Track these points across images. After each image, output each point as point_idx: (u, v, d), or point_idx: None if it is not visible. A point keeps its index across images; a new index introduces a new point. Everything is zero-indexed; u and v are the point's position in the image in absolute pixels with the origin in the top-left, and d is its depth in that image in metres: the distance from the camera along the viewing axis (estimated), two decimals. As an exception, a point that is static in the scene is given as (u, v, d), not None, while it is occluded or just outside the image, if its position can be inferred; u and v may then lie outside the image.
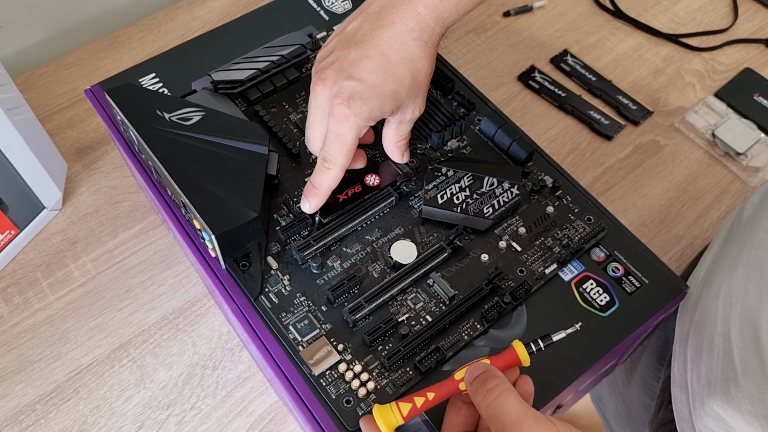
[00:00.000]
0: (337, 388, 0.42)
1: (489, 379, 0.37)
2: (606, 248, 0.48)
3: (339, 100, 0.43)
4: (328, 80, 0.44)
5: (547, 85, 0.73)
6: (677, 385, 0.50)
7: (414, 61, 0.45)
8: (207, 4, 0.79)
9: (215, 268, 0.47)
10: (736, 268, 0.47)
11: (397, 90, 0.44)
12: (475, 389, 0.37)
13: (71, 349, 0.56)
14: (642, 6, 0.81)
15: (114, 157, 0.67)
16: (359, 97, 0.43)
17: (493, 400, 0.36)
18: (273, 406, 0.54)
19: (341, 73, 0.43)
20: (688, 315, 0.50)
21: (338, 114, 0.43)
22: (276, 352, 0.43)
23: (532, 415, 0.35)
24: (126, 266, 0.60)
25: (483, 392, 0.36)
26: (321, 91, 0.44)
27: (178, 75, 0.55)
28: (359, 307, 0.44)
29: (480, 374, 0.37)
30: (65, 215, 0.63)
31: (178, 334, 0.56)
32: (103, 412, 0.53)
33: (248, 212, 0.44)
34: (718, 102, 0.72)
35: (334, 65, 0.44)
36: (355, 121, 0.43)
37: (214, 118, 0.48)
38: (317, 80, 0.44)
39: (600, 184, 0.66)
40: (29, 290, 0.59)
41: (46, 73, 0.73)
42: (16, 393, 0.53)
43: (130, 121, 0.48)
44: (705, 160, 0.68)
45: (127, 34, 0.76)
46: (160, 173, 0.47)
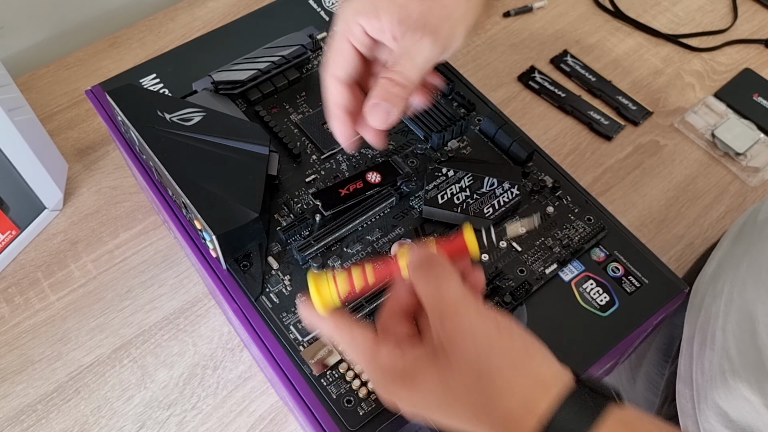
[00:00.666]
0: (337, 387, 0.42)
1: (432, 266, 0.33)
2: (606, 248, 0.48)
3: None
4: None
5: (547, 86, 0.73)
6: (682, 380, 0.50)
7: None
8: (207, 5, 0.79)
9: (216, 269, 0.47)
10: (741, 264, 0.47)
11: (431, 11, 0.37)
12: (417, 276, 0.33)
13: (72, 349, 0.56)
14: (642, 6, 0.81)
15: (115, 157, 0.67)
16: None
17: (434, 287, 0.33)
18: (274, 406, 0.54)
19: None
20: (694, 312, 0.50)
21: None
22: (277, 352, 0.43)
23: (473, 304, 0.32)
24: (127, 266, 0.60)
25: (425, 279, 0.33)
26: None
27: (178, 75, 0.55)
28: (360, 307, 0.44)
29: (423, 261, 0.34)
30: (66, 215, 0.63)
31: (179, 334, 0.57)
32: (104, 412, 0.53)
33: (249, 212, 0.44)
34: (717, 102, 0.72)
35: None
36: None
37: (215, 119, 0.48)
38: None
39: (600, 184, 0.67)
40: (30, 290, 0.59)
41: (46, 74, 0.73)
42: (17, 393, 0.54)
43: (130, 122, 0.48)
44: (705, 161, 0.68)
45: (127, 34, 0.76)
46: (161, 174, 0.47)
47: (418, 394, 0.32)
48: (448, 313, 0.32)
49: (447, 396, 0.31)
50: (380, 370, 0.33)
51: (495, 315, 0.32)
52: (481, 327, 0.31)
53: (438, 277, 0.33)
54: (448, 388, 0.31)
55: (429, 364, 0.32)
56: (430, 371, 0.32)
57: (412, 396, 0.32)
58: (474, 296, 0.33)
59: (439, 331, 0.32)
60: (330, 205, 0.47)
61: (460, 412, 0.31)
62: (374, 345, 0.34)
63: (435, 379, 0.31)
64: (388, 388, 0.33)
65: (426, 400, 0.32)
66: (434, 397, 0.32)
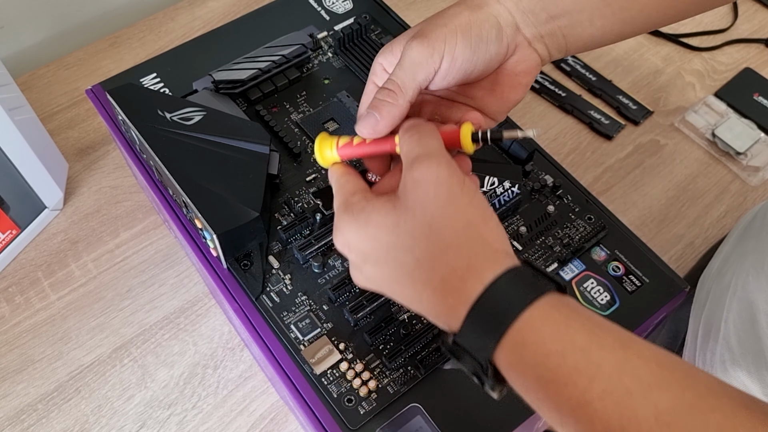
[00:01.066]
0: (338, 387, 0.42)
1: (419, 126, 0.34)
2: (606, 247, 0.48)
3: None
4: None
5: (548, 85, 0.73)
6: None
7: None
8: (207, 5, 0.79)
9: (217, 268, 0.47)
10: (746, 259, 0.47)
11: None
12: (404, 136, 0.34)
13: (72, 348, 0.56)
14: (642, 6, 0.81)
15: (115, 157, 0.67)
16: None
17: (416, 139, 0.33)
18: (274, 405, 0.54)
19: None
20: (699, 306, 0.51)
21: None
22: (277, 351, 0.43)
23: (446, 157, 0.32)
24: (127, 266, 0.60)
25: (408, 134, 0.34)
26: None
27: (179, 75, 0.55)
28: (360, 306, 0.44)
29: (413, 124, 0.35)
30: (66, 215, 0.63)
31: (180, 334, 0.57)
32: (104, 411, 0.53)
33: (250, 212, 0.44)
34: (718, 102, 0.72)
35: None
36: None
37: (215, 118, 0.48)
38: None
39: (600, 183, 0.67)
40: (30, 290, 0.59)
41: (47, 74, 0.73)
42: (18, 392, 0.54)
43: (131, 121, 0.48)
44: (705, 160, 0.68)
45: (127, 34, 0.76)
46: (162, 173, 0.47)
47: (367, 233, 0.32)
48: (420, 158, 0.32)
49: (395, 241, 0.31)
50: (344, 204, 0.34)
51: (464, 176, 0.32)
52: (446, 179, 0.31)
53: (420, 131, 0.34)
54: (397, 231, 0.31)
55: (386, 207, 0.32)
56: (385, 211, 0.32)
57: (360, 233, 0.33)
58: (451, 161, 0.32)
59: (406, 176, 0.32)
60: (331, 204, 0.47)
61: (404, 262, 0.31)
62: (353, 188, 0.35)
63: (387, 220, 0.32)
64: (341, 218, 0.34)
65: (374, 242, 0.32)
66: (382, 240, 0.32)
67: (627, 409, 0.25)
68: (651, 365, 0.26)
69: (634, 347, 0.27)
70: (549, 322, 0.28)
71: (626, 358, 0.26)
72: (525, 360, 0.28)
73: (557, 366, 0.27)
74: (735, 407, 0.25)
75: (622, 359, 0.26)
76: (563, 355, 0.27)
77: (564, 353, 0.27)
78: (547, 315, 0.28)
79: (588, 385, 0.26)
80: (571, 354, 0.27)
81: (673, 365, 0.26)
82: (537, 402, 0.28)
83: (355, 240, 0.33)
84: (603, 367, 0.26)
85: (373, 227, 0.32)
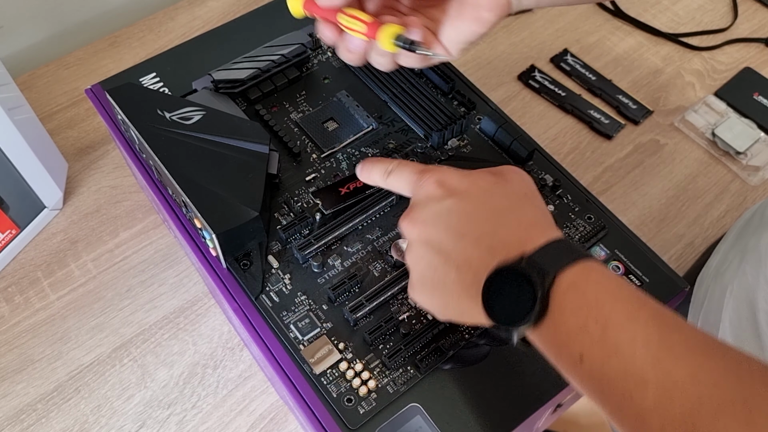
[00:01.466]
0: (338, 386, 0.42)
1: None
2: (606, 247, 0.48)
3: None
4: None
5: (547, 85, 0.73)
6: None
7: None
8: (207, 4, 0.79)
9: (216, 267, 0.47)
10: (744, 256, 0.47)
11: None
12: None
13: (72, 348, 0.56)
14: (642, 5, 0.81)
15: (114, 156, 0.67)
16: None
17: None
18: (274, 405, 0.54)
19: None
20: (698, 305, 0.51)
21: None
22: (277, 351, 0.43)
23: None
24: (127, 266, 0.60)
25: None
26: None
27: (178, 74, 0.55)
28: (360, 305, 0.44)
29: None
30: (66, 215, 0.63)
31: (179, 334, 0.57)
32: (104, 411, 0.53)
33: (249, 211, 0.44)
34: (718, 101, 0.72)
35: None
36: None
37: (215, 118, 0.48)
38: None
39: (600, 183, 0.66)
40: (30, 290, 0.59)
41: (46, 73, 0.73)
42: (18, 392, 0.53)
43: (130, 121, 0.48)
44: (705, 160, 0.68)
45: (127, 33, 0.76)
46: (161, 172, 0.47)
47: (469, 178, 0.38)
48: (463, 173, 0.39)
49: (493, 189, 0.38)
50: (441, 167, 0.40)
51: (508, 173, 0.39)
52: (490, 178, 0.38)
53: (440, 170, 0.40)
54: (496, 186, 0.38)
55: (486, 171, 0.39)
56: (485, 172, 0.39)
57: (460, 175, 0.38)
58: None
59: (499, 167, 0.40)
60: (330, 204, 0.47)
61: (496, 205, 0.37)
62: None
63: (488, 177, 0.38)
64: (439, 168, 0.40)
65: (473, 184, 0.38)
66: (481, 185, 0.38)
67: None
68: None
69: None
70: (607, 273, 0.33)
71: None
72: (590, 280, 0.32)
73: (621, 293, 0.32)
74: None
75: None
76: (621, 286, 0.32)
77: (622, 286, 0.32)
78: (603, 269, 0.33)
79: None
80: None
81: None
82: (586, 320, 0.31)
83: (453, 179, 0.38)
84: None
85: (476, 175, 0.38)
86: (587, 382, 0.31)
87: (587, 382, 0.31)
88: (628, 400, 0.29)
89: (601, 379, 0.30)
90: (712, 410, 0.26)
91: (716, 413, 0.26)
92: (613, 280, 0.32)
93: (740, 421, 0.26)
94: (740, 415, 0.26)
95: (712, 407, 0.26)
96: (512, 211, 0.37)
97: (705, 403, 0.27)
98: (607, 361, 0.30)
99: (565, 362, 0.32)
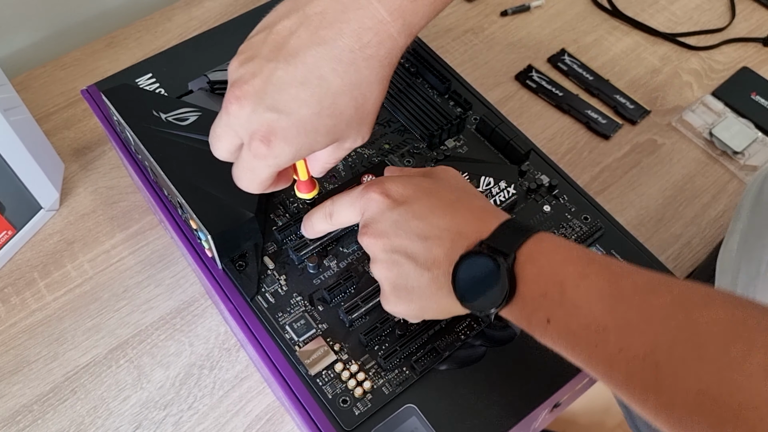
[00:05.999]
0: (333, 388, 0.42)
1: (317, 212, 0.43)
2: (603, 247, 0.48)
3: (257, 137, 0.35)
4: (245, 103, 0.35)
5: (545, 85, 0.73)
6: None
7: (362, 87, 0.35)
8: (204, 5, 0.79)
9: (212, 269, 0.47)
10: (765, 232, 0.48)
11: (335, 124, 0.35)
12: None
13: (68, 349, 0.56)
14: (639, 5, 0.81)
15: (111, 157, 0.67)
16: (283, 137, 0.34)
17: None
18: (270, 406, 0.53)
19: (263, 98, 0.34)
20: (725, 286, 0.51)
21: (254, 151, 0.35)
22: (272, 352, 0.43)
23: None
24: (123, 266, 0.60)
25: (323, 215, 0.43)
26: (236, 114, 0.35)
27: (174, 75, 0.55)
28: (356, 306, 0.44)
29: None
30: (62, 215, 0.63)
31: (176, 334, 0.56)
32: (100, 412, 0.53)
33: (245, 212, 0.44)
34: (715, 101, 0.72)
35: (255, 82, 0.35)
36: (274, 163, 0.36)
37: (211, 119, 0.48)
38: (232, 98, 0.35)
39: (597, 183, 0.66)
40: (26, 291, 0.59)
41: (43, 74, 0.73)
42: (13, 393, 0.53)
43: (126, 122, 0.48)
44: (702, 159, 0.68)
45: (124, 34, 0.76)
46: (157, 173, 0.47)
47: (410, 182, 0.40)
48: (434, 167, 0.43)
49: (435, 186, 0.40)
50: (379, 179, 0.42)
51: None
52: (428, 179, 0.42)
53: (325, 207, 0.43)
54: (437, 184, 0.40)
55: (421, 173, 0.43)
56: (422, 174, 0.42)
57: (402, 182, 0.40)
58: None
59: (430, 169, 0.43)
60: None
61: (444, 197, 0.39)
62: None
63: (427, 178, 0.41)
64: (381, 179, 0.41)
65: (416, 187, 0.40)
66: (424, 186, 0.40)
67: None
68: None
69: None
70: (557, 240, 0.36)
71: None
72: (543, 250, 0.35)
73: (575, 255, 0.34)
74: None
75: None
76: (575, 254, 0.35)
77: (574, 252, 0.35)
78: (553, 238, 0.36)
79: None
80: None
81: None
82: (547, 288, 0.34)
83: (397, 188, 0.40)
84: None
85: (415, 180, 0.40)
86: (558, 341, 0.33)
87: (558, 341, 0.33)
88: (594, 349, 0.31)
89: (568, 336, 0.33)
90: (667, 343, 0.29)
91: (672, 345, 0.28)
92: (563, 245, 0.35)
93: (691, 347, 0.28)
94: (690, 342, 0.28)
95: (667, 340, 0.29)
96: (461, 202, 0.39)
97: (660, 338, 0.29)
98: (570, 319, 0.32)
99: (535, 329, 0.35)
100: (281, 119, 0.34)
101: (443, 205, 0.39)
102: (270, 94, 0.34)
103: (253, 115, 0.34)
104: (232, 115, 0.35)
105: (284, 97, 0.34)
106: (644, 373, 0.29)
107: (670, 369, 0.28)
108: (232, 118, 0.35)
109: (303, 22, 0.35)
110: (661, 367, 0.28)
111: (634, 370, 0.30)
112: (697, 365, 0.27)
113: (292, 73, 0.34)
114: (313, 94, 0.34)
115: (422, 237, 0.38)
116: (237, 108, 0.35)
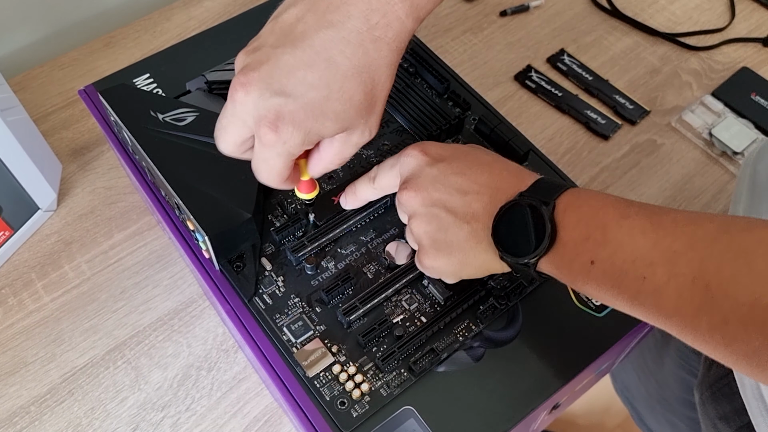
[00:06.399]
0: (331, 389, 0.41)
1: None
2: (602, 248, 0.48)
3: (265, 123, 0.34)
4: (252, 89, 0.34)
5: (544, 85, 0.72)
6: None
7: (371, 70, 0.35)
8: (203, 4, 0.79)
9: (209, 270, 0.46)
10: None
11: (345, 110, 0.35)
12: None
13: (66, 350, 0.56)
14: (639, 5, 0.81)
15: (109, 157, 0.67)
16: (290, 120, 0.34)
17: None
18: (268, 407, 0.53)
19: (270, 83, 0.34)
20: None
21: (263, 139, 0.35)
22: (270, 353, 0.43)
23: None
24: (121, 267, 0.60)
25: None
26: (242, 100, 0.34)
27: (172, 75, 0.55)
28: (354, 308, 0.43)
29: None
30: (60, 216, 0.63)
31: (173, 336, 0.56)
32: (97, 413, 0.53)
33: (242, 213, 0.44)
34: (715, 101, 0.71)
35: (261, 68, 0.34)
36: (284, 150, 0.35)
37: (208, 119, 0.48)
38: (238, 85, 0.34)
39: (597, 183, 0.66)
40: (24, 291, 0.58)
41: (41, 74, 0.73)
42: (10, 395, 0.53)
43: (123, 122, 0.48)
44: (702, 160, 0.68)
45: (122, 34, 0.76)
46: (154, 174, 0.47)
47: (449, 146, 0.42)
48: (441, 144, 0.43)
49: (473, 150, 0.42)
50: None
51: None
52: (465, 146, 0.43)
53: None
54: (474, 149, 0.42)
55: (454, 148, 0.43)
56: (458, 144, 0.44)
57: (442, 146, 0.42)
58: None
59: (442, 151, 0.42)
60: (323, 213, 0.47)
61: (483, 159, 0.41)
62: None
63: (462, 146, 0.43)
64: (420, 144, 0.42)
65: (455, 149, 0.41)
66: (462, 148, 0.42)
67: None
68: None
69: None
70: (592, 191, 0.37)
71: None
72: (581, 198, 0.36)
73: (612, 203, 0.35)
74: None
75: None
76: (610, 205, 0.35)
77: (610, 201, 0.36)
78: (588, 190, 0.37)
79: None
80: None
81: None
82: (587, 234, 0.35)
83: (436, 148, 0.41)
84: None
85: (453, 145, 0.42)
86: (602, 282, 0.34)
87: (602, 282, 0.34)
88: (642, 282, 0.32)
89: (614, 273, 0.33)
90: (715, 264, 0.29)
91: (719, 265, 0.29)
92: (599, 194, 0.36)
93: (740, 264, 0.29)
94: (738, 260, 0.29)
95: (715, 262, 0.29)
96: (498, 162, 0.41)
97: (707, 261, 0.30)
98: (615, 257, 0.33)
99: (578, 274, 0.35)
100: (289, 103, 0.34)
101: (481, 163, 0.40)
102: (277, 79, 0.34)
103: (260, 101, 0.34)
104: (238, 103, 0.35)
105: (291, 81, 0.34)
106: (695, 296, 0.30)
107: (721, 287, 0.29)
108: (238, 105, 0.35)
109: (310, 8, 0.35)
110: (711, 287, 0.29)
111: (684, 295, 0.30)
112: (747, 279, 0.28)
113: (299, 57, 0.34)
114: (321, 77, 0.34)
115: (461, 191, 0.39)
116: (243, 94, 0.34)
